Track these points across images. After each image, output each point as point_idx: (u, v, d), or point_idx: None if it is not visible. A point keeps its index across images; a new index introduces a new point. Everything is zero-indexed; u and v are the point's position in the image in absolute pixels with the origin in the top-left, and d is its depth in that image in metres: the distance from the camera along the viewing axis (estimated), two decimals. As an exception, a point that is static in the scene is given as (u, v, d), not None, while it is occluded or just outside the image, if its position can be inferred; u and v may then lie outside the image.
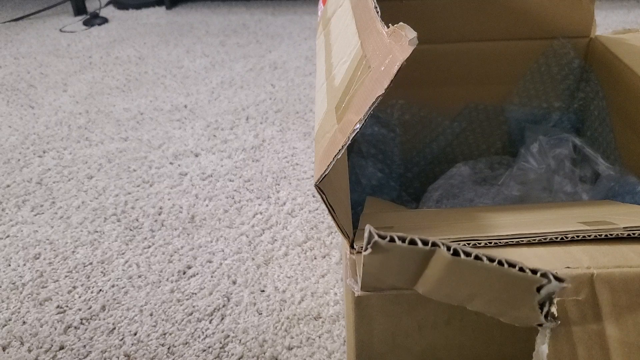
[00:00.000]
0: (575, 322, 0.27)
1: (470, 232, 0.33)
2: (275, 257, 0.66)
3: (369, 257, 0.25)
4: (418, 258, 0.25)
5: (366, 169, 0.67)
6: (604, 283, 0.28)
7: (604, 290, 0.28)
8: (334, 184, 0.33)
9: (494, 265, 0.24)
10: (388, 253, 0.24)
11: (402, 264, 0.26)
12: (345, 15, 0.46)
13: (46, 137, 0.97)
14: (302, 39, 1.41)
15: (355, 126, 0.29)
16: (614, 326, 0.27)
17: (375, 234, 0.24)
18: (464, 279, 0.25)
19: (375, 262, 0.26)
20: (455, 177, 0.64)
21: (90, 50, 1.39)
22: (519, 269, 0.24)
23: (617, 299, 0.28)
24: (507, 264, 0.24)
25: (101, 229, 0.73)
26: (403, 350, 0.35)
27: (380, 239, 0.24)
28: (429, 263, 0.25)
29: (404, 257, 0.25)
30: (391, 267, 0.26)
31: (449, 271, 0.25)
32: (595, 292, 0.28)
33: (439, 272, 0.25)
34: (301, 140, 0.93)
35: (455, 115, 0.67)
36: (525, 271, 0.24)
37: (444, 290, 0.27)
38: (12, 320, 0.59)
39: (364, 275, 0.29)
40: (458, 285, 0.26)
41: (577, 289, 0.28)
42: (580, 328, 0.27)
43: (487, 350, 0.35)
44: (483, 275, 0.25)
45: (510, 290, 0.25)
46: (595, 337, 0.27)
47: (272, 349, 0.54)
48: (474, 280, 0.25)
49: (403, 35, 0.29)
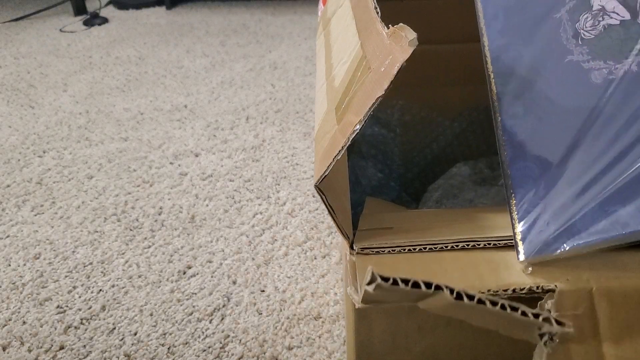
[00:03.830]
0: (574, 339, 0.27)
1: (470, 233, 0.33)
2: (275, 257, 0.67)
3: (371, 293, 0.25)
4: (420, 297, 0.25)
5: (366, 170, 0.67)
6: (602, 297, 0.28)
7: (603, 304, 0.28)
8: (334, 185, 0.33)
9: (496, 309, 0.24)
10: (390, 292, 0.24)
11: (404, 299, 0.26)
12: (345, 15, 0.46)
13: (46, 137, 0.97)
14: (302, 39, 1.41)
15: (355, 127, 0.29)
16: (612, 344, 0.27)
17: (378, 277, 0.24)
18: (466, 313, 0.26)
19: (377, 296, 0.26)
20: (455, 177, 0.64)
21: (90, 50, 1.39)
22: (522, 313, 0.24)
23: (616, 314, 0.28)
24: (510, 308, 0.24)
25: (101, 229, 0.73)
26: (403, 350, 0.35)
27: (383, 282, 0.24)
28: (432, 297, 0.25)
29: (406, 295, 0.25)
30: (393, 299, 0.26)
31: (451, 308, 0.25)
32: (594, 306, 0.28)
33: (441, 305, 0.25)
34: (301, 140, 0.93)
35: (455, 115, 0.67)
36: (528, 315, 0.24)
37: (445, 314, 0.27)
38: (12, 320, 0.59)
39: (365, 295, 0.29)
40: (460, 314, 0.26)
41: (575, 304, 0.28)
42: (578, 345, 0.27)
43: (487, 351, 0.35)
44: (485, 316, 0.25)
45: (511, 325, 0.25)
46: (593, 354, 0.27)
47: (272, 349, 0.54)
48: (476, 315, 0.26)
49: (403, 36, 0.29)
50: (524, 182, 0.32)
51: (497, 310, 0.24)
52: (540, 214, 0.31)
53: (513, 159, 0.33)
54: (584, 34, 0.33)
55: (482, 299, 0.24)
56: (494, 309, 0.24)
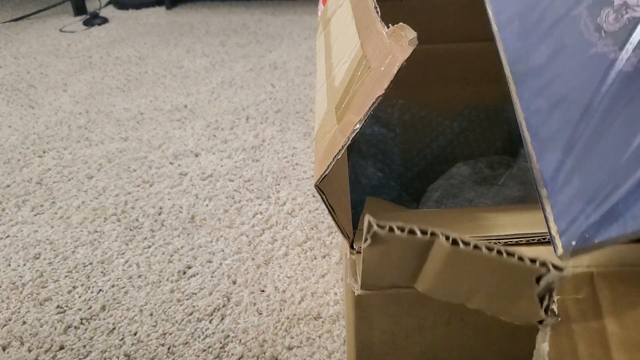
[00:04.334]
0: (576, 320, 0.27)
1: (470, 232, 0.33)
2: (275, 257, 0.66)
3: (369, 250, 0.25)
4: (417, 248, 0.25)
5: (366, 169, 0.67)
6: (604, 281, 0.28)
7: (604, 289, 0.28)
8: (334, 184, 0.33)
9: (492, 254, 0.24)
10: (387, 244, 0.25)
11: (401, 256, 0.26)
12: (345, 15, 0.46)
13: (46, 137, 0.97)
14: (302, 39, 1.41)
15: (355, 127, 0.29)
16: (615, 323, 0.27)
17: (375, 224, 0.24)
18: (464, 271, 0.25)
19: (375, 254, 0.26)
20: (455, 177, 0.64)
21: (90, 50, 1.39)
22: (518, 258, 0.24)
23: (618, 297, 0.28)
24: (506, 253, 0.24)
25: (101, 229, 0.73)
26: (403, 350, 0.35)
27: (379, 229, 0.24)
28: (428, 254, 0.25)
29: (403, 248, 0.25)
30: (391, 260, 0.26)
31: (448, 262, 0.25)
32: (595, 290, 0.28)
33: (438, 264, 0.25)
34: (301, 140, 0.93)
35: (455, 115, 0.67)
36: (524, 260, 0.24)
37: (444, 286, 0.27)
38: (12, 320, 0.59)
39: (363, 271, 0.29)
40: (457, 279, 0.26)
41: (577, 288, 0.28)
42: (581, 326, 0.27)
43: (488, 350, 0.35)
44: (482, 266, 0.25)
45: (509, 281, 0.25)
46: (596, 335, 0.27)
47: (272, 349, 0.54)
48: (473, 273, 0.25)
49: (403, 36, 0.29)
50: (555, 174, 0.31)
51: (493, 255, 0.24)
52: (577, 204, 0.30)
53: (540, 153, 0.32)
54: (607, 27, 0.32)
55: (477, 244, 0.24)
56: (490, 255, 0.24)
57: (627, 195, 0.28)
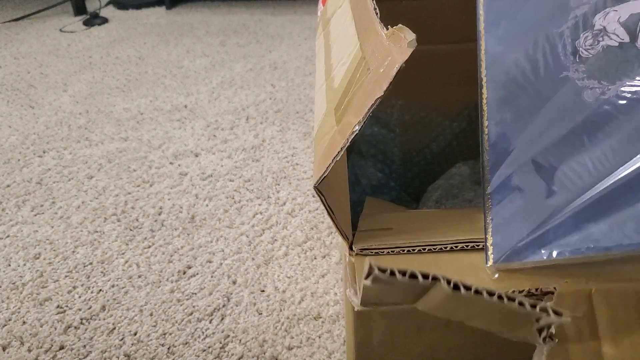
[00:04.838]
0: (573, 340, 0.27)
1: (470, 234, 0.33)
2: (275, 257, 0.67)
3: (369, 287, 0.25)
4: (418, 289, 0.25)
5: (366, 169, 0.67)
6: (602, 299, 0.28)
7: (602, 306, 0.28)
8: (333, 186, 0.33)
9: (493, 299, 0.24)
10: (388, 284, 0.24)
11: (402, 293, 0.26)
12: (344, 16, 0.46)
13: (46, 137, 0.97)
14: (302, 39, 1.41)
15: (354, 128, 0.29)
16: (611, 344, 0.27)
17: (376, 268, 0.24)
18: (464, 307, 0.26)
19: (375, 290, 0.26)
20: (455, 177, 0.64)
21: (90, 50, 1.39)
22: (519, 303, 0.24)
23: (615, 315, 0.28)
24: (507, 298, 0.24)
25: (101, 229, 0.73)
26: (402, 351, 0.35)
27: (380, 273, 0.24)
28: (428, 292, 0.25)
29: (404, 288, 0.25)
30: (391, 295, 0.26)
31: (448, 301, 0.25)
32: (593, 308, 0.28)
33: (439, 300, 0.25)
34: (301, 140, 0.93)
35: (455, 115, 0.67)
36: (525, 305, 0.24)
37: (444, 312, 0.27)
38: (12, 320, 0.59)
39: (363, 297, 0.29)
40: (457, 309, 0.26)
41: (575, 305, 0.28)
42: (577, 346, 0.27)
43: (486, 351, 0.35)
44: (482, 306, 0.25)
45: (509, 319, 0.25)
46: (592, 355, 0.27)
47: (272, 349, 0.55)
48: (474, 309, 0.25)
49: (402, 37, 0.29)
50: (502, 188, 0.33)
51: (494, 301, 0.24)
52: (514, 221, 0.31)
53: (495, 164, 0.33)
54: (583, 52, 0.33)
55: (479, 289, 0.24)
56: (491, 300, 0.24)
57: (558, 225, 0.30)
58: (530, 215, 0.31)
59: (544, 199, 0.31)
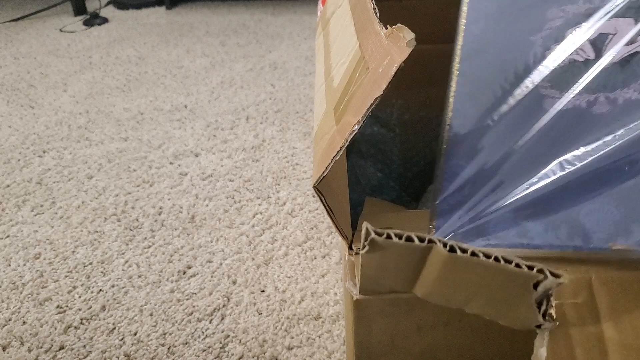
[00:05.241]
0: (574, 325, 0.27)
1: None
2: (275, 257, 0.67)
3: (367, 256, 0.25)
4: (415, 256, 0.25)
5: (366, 169, 0.67)
6: (602, 285, 0.28)
7: (602, 293, 0.28)
8: (333, 186, 0.33)
9: (490, 261, 0.24)
10: (385, 251, 0.25)
11: (399, 262, 0.26)
12: (344, 16, 0.46)
13: (46, 137, 0.97)
14: (302, 39, 1.41)
15: (354, 128, 0.29)
16: (612, 328, 0.27)
17: (372, 232, 0.24)
18: (461, 278, 0.25)
19: (373, 261, 0.26)
20: (454, 177, 0.64)
21: (90, 50, 1.39)
22: (515, 265, 0.24)
23: (616, 302, 0.28)
24: (504, 260, 0.24)
25: (101, 229, 0.73)
26: (402, 351, 0.35)
27: (377, 236, 0.24)
28: (426, 261, 0.25)
29: (401, 255, 0.25)
30: (389, 267, 0.26)
31: (446, 269, 0.25)
32: (593, 294, 0.28)
33: (436, 270, 0.25)
34: (301, 140, 0.93)
35: (454, 115, 0.67)
36: (522, 267, 0.24)
37: (442, 292, 0.27)
38: (12, 320, 0.59)
39: (362, 277, 0.29)
40: (455, 285, 0.26)
41: (575, 292, 0.28)
42: (579, 330, 0.27)
43: (486, 351, 0.35)
44: (480, 273, 0.25)
45: (507, 288, 0.25)
46: (594, 340, 0.27)
47: (272, 349, 0.55)
48: (471, 279, 0.25)
49: (401, 37, 0.29)
50: (454, 178, 0.35)
51: (491, 262, 0.24)
52: (458, 209, 0.33)
53: (450, 155, 0.35)
54: (550, 62, 0.35)
55: (475, 252, 0.24)
56: (487, 262, 0.24)
57: (497, 218, 0.32)
58: (475, 206, 0.33)
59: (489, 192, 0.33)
